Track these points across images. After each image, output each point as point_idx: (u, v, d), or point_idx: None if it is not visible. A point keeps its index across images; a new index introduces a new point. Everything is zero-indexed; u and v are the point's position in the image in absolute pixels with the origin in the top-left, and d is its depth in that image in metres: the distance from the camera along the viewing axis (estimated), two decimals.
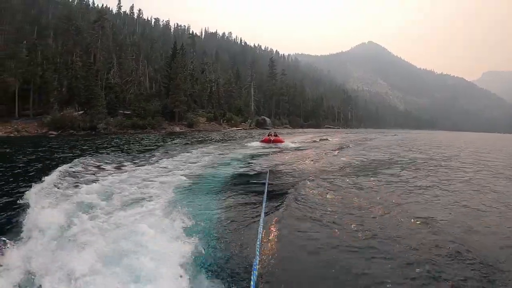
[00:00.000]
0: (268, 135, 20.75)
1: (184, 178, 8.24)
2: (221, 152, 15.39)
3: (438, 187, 7.77)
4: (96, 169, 9.20)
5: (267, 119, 69.99)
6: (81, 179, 7.66)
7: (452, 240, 4.22)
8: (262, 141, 20.15)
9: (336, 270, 3.38)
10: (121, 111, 43.93)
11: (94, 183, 7.12)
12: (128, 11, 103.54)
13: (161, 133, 38.49)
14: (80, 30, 52.96)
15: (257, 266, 2.70)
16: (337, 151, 16.85)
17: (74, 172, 8.53)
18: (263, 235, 3.74)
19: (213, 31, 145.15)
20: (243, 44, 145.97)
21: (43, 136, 30.11)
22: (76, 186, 6.81)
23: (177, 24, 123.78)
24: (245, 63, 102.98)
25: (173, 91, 50.15)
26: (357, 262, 3.53)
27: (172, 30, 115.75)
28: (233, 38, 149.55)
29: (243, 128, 57.25)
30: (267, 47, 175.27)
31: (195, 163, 11.45)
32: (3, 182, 8.00)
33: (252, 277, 2.55)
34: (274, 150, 16.57)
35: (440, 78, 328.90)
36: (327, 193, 6.64)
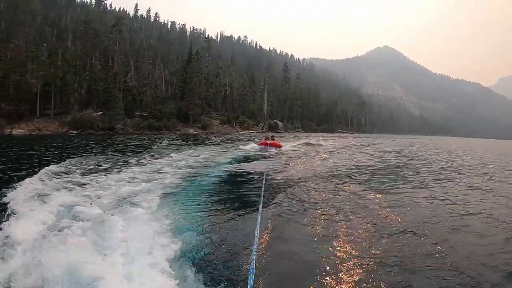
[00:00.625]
0: (265, 139, 20.56)
1: (180, 175, 8.76)
2: (220, 152, 16.14)
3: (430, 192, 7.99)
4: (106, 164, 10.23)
5: (279, 122, 70.57)
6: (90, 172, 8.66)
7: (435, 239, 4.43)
8: (259, 144, 19.92)
9: (336, 276, 3.34)
10: (138, 113, 45.32)
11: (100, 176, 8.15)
12: (145, 15, 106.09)
13: (176, 134, 39.58)
14: (98, 33, 54.76)
15: (254, 270, 2.69)
16: (331, 155, 16.89)
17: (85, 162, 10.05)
18: (259, 238, 3.70)
19: (229, 35, 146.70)
20: (258, 48, 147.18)
21: (64, 134, 31.52)
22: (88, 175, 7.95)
23: (193, 27, 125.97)
24: (260, 67, 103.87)
25: (188, 94, 51.38)
26: (355, 268, 3.50)
27: (188, 34, 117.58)
28: (248, 42, 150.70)
29: (256, 131, 57.98)
30: (282, 51, 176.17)
31: (197, 156, 13.17)
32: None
33: (249, 282, 2.54)
34: (270, 153, 16.47)
35: (456, 83, 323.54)
36: (322, 195, 6.78)
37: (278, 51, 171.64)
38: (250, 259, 2.91)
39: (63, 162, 9.33)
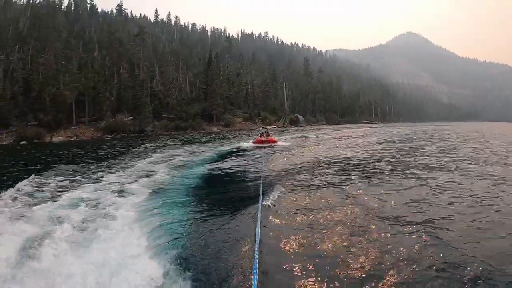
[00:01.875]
0: (260, 136, 20.01)
1: (173, 172, 9.71)
2: (219, 149, 17.29)
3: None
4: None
5: (300, 117, 71.29)
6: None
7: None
8: (254, 142, 19.46)
9: (341, 273, 3.28)
10: (165, 115, 47.80)
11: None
12: (165, 19, 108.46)
13: (201, 133, 42.06)
14: (121, 42, 57.92)
15: (257, 270, 2.70)
16: (325, 146, 17.37)
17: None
18: (261, 237, 3.66)
19: (249, 32, 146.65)
20: (279, 43, 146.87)
21: (99, 139, 34.20)
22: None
23: (214, 27, 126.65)
24: (282, 62, 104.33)
25: (210, 95, 53.81)
26: (360, 267, 3.39)
27: (209, 34, 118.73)
28: (269, 38, 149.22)
29: (277, 126, 59.39)
30: (304, 45, 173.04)
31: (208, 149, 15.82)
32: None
33: (253, 281, 2.56)
34: (267, 150, 15.84)
35: (483, 66, 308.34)
36: (321, 188, 6.77)
37: (300, 45, 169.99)
38: (253, 259, 2.98)
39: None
